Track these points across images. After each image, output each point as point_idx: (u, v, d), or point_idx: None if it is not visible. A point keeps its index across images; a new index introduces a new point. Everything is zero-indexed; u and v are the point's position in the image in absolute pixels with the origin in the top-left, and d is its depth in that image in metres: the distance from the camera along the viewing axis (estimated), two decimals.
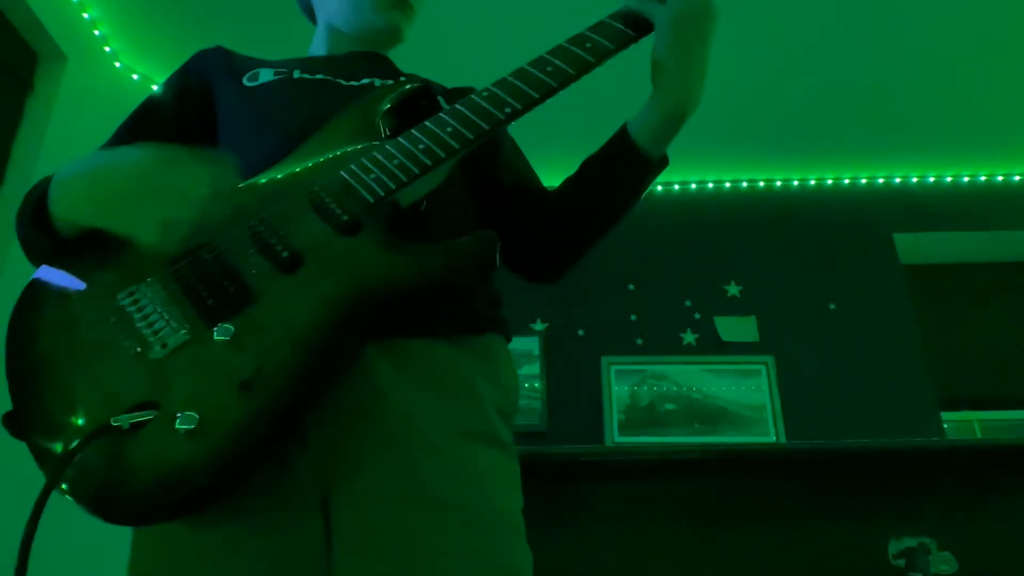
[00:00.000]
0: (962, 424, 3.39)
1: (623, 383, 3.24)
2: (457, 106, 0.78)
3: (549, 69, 0.77)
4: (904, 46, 2.92)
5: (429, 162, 0.74)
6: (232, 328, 0.66)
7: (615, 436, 3.13)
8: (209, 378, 0.64)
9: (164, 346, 0.66)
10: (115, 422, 0.62)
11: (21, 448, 0.69)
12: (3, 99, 2.46)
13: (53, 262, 0.77)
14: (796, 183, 3.68)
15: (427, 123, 0.77)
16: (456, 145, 0.75)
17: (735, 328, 3.33)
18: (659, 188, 3.62)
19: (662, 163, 0.87)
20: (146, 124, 0.97)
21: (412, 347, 0.75)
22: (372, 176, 0.74)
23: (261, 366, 0.64)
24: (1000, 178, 3.62)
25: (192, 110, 0.95)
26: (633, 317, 3.39)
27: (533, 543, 0.76)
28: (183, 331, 0.67)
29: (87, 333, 0.70)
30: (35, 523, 0.59)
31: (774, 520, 1.50)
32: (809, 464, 1.55)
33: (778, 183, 3.67)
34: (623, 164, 0.87)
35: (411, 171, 0.73)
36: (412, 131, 0.77)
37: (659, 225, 3.51)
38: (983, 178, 3.63)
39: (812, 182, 3.67)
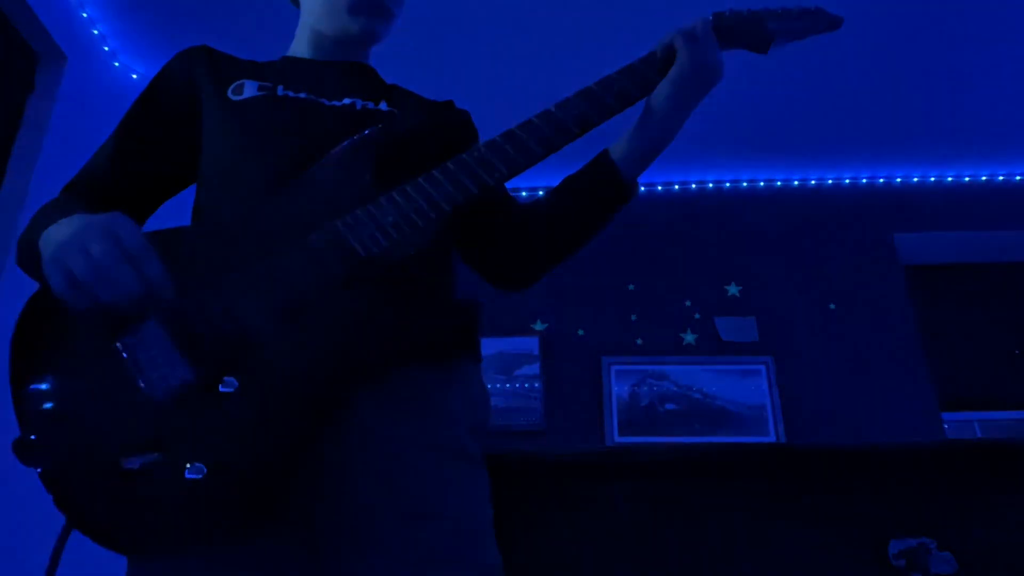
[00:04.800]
0: (962, 424, 3.39)
1: (623, 383, 3.24)
2: (449, 166, 0.81)
3: (537, 136, 0.82)
4: (904, 46, 2.92)
5: (421, 223, 0.78)
6: (236, 381, 0.69)
7: (615, 436, 3.13)
8: (214, 428, 0.67)
9: (169, 388, 0.69)
10: (126, 464, 0.65)
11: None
12: (3, 99, 2.46)
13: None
14: (796, 183, 3.68)
15: (420, 180, 0.80)
16: (447, 208, 0.79)
17: (735, 328, 3.33)
18: (659, 188, 3.62)
19: (635, 190, 0.93)
20: (129, 140, 0.97)
21: (388, 373, 0.77)
22: (367, 231, 0.77)
23: (262, 419, 0.67)
24: (1000, 178, 3.62)
25: (174, 121, 0.96)
26: (633, 317, 3.39)
27: (533, 543, 0.76)
28: (188, 376, 0.69)
29: (91, 366, 0.71)
30: (56, 561, 0.64)
31: (774, 520, 1.50)
32: (809, 464, 1.55)
33: (778, 183, 3.67)
34: (606, 188, 0.91)
35: (403, 230, 0.77)
36: (406, 187, 0.80)
37: (659, 225, 3.51)
38: (983, 178, 3.63)
39: (812, 182, 3.67)
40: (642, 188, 3.61)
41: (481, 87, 2.37)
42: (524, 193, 3.67)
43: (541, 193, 3.64)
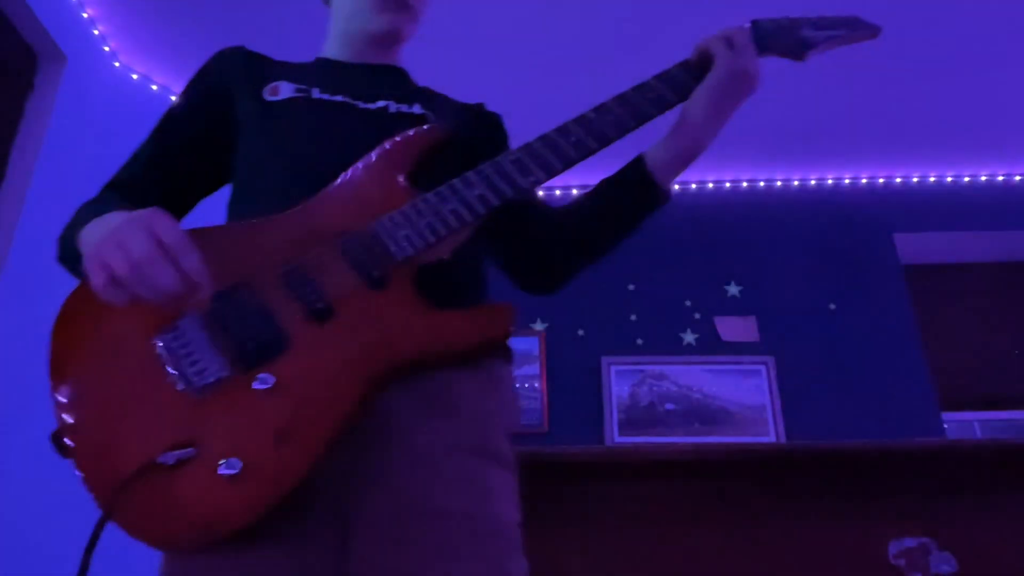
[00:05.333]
0: (962, 424, 3.39)
1: (623, 383, 3.24)
2: (484, 168, 0.82)
3: (572, 139, 0.82)
4: (904, 46, 2.92)
5: (456, 225, 0.78)
6: (271, 378, 0.69)
7: (615, 436, 3.12)
8: (247, 424, 0.68)
9: (205, 385, 0.70)
10: (160, 459, 0.66)
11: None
12: (3, 99, 2.46)
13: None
14: (796, 183, 3.68)
15: (455, 182, 0.81)
16: (481, 210, 0.79)
17: (735, 328, 3.33)
18: None
19: (668, 196, 0.94)
20: (167, 139, 0.98)
21: (421, 374, 0.77)
22: (403, 233, 0.77)
23: (296, 418, 0.68)
24: (1000, 178, 3.62)
25: (211, 120, 0.97)
26: (633, 317, 3.39)
27: (533, 543, 0.77)
28: (223, 372, 0.70)
29: (128, 361, 0.72)
30: (91, 552, 0.63)
31: (774, 520, 1.50)
32: (809, 464, 1.55)
33: (778, 183, 3.67)
34: (639, 194, 0.92)
35: (439, 232, 0.78)
36: (441, 189, 0.81)
37: (659, 225, 3.49)
38: (983, 178, 3.63)
39: (812, 182, 3.67)
40: (573, 191, 3.63)
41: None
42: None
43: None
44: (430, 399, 0.76)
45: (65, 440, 0.70)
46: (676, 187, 3.67)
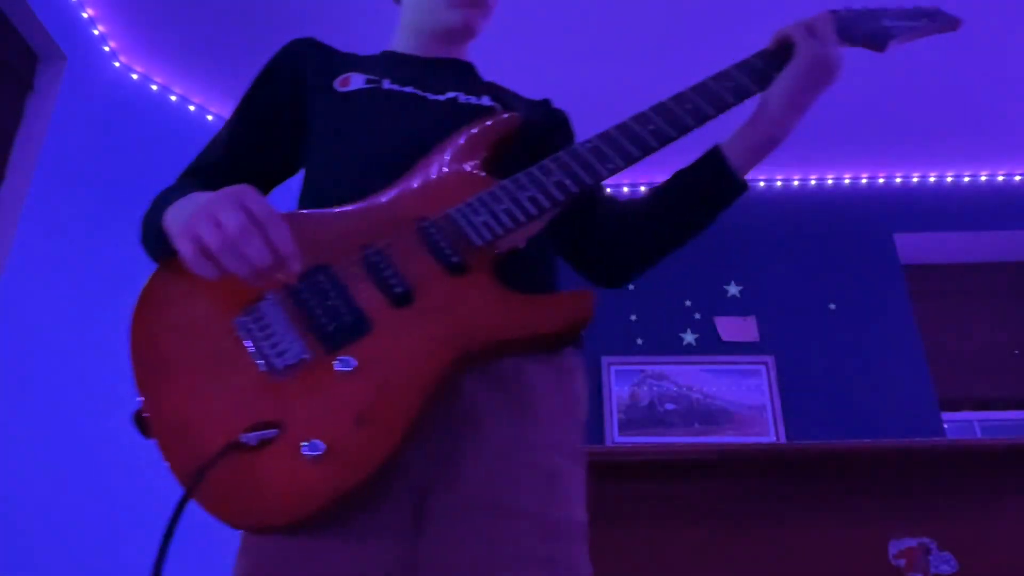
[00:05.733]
0: (962, 424, 3.39)
1: (623, 383, 3.24)
2: (563, 155, 0.81)
3: (650, 128, 0.81)
4: (903, 45, 2.91)
5: (535, 211, 0.77)
6: (353, 360, 0.69)
7: (615, 436, 3.13)
8: (329, 407, 0.68)
9: (286, 366, 0.70)
10: (243, 439, 0.66)
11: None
12: (3, 99, 2.46)
13: (171, 266, 0.79)
14: (796, 183, 3.68)
15: (533, 169, 0.80)
16: (560, 197, 0.78)
17: (735, 328, 3.33)
18: None
19: (745, 188, 0.92)
20: (243, 128, 0.98)
21: (502, 366, 0.77)
22: (480, 219, 0.77)
23: (377, 401, 0.68)
24: (1000, 178, 3.62)
25: (286, 110, 0.97)
26: (633, 317, 3.39)
27: None
28: (305, 354, 0.70)
29: (209, 342, 0.73)
30: (172, 531, 0.62)
31: (774, 520, 1.50)
32: (809, 464, 1.55)
33: (778, 183, 3.67)
34: (716, 186, 0.91)
35: (517, 218, 0.77)
36: (519, 176, 0.80)
37: None
38: (983, 178, 3.63)
39: (812, 182, 3.67)
40: (641, 188, 3.62)
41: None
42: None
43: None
44: (505, 391, 0.76)
45: (145, 417, 0.70)
46: None
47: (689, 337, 3.32)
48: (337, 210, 0.80)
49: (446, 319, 0.72)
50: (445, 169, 0.83)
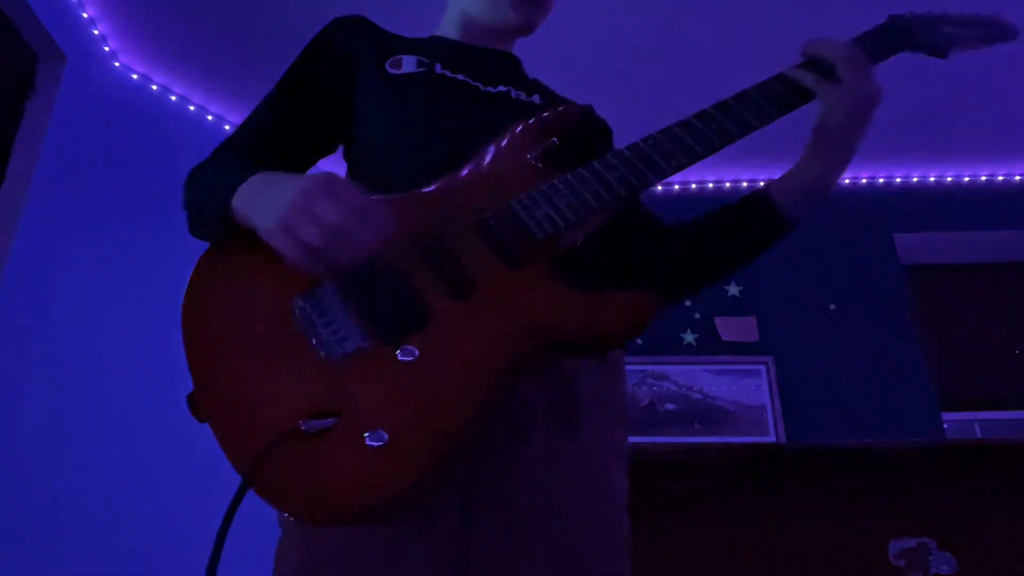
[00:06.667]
0: (962, 424, 3.38)
1: None
2: (624, 152, 0.79)
3: (714, 126, 0.80)
4: None
5: (596, 206, 0.76)
6: (415, 350, 0.67)
7: None
8: (391, 397, 0.66)
9: (345, 354, 0.68)
10: (303, 426, 0.64)
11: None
12: (3, 99, 2.46)
13: (225, 247, 0.77)
14: None
15: (595, 164, 0.78)
16: (623, 192, 0.76)
17: (735, 328, 3.33)
18: (659, 188, 3.62)
19: (794, 226, 0.92)
20: (286, 103, 0.96)
21: (551, 362, 0.76)
22: (541, 212, 0.75)
23: (438, 393, 0.66)
24: (1000, 178, 3.62)
25: (332, 86, 0.95)
26: None
27: None
28: (365, 342, 0.68)
29: (265, 325, 0.71)
30: (231, 517, 0.60)
31: (774, 520, 1.50)
32: (809, 464, 1.55)
33: None
34: (765, 226, 0.92)
35: (579, 212, 0.75)
36: (580, 170, 0.78)
37: None
38: (983, 178, 3.63)
39: None
40: (692, 185, 3.60)
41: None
42: (676, 187, 3.67)
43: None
44: (553, 389, 0.75)
45: (199, 402, 0.68)
46: (676, 187, 3.67)
47: (689, 337, 3.32)
48: (395, 199, 0.78)
49: (509, 313, 0.70)
50: (504, 160, 0.82)
